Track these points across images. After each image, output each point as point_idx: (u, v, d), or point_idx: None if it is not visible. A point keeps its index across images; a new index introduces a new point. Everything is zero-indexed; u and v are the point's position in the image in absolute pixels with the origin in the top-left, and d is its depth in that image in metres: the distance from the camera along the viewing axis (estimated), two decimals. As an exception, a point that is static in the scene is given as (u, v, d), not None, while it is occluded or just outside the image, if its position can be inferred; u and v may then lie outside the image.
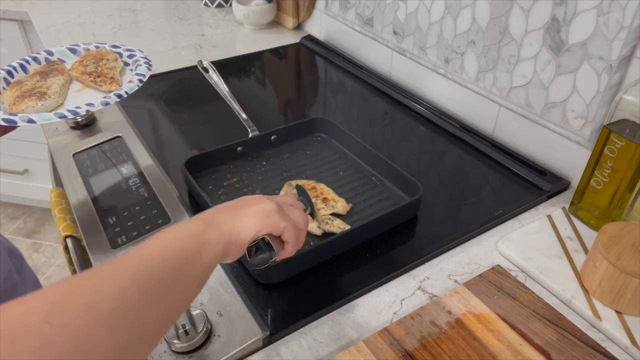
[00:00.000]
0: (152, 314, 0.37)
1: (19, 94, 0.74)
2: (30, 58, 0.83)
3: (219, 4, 1.57)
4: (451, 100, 1.02)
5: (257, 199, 0.51)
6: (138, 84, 0.76)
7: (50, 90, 0.74)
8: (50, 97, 0.73)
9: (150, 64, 0.81)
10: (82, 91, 0.79)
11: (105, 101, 0.72)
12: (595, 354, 0.55)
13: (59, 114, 0.69)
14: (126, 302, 0.35)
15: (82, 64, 0.82)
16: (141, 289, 0.36)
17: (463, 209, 0.79)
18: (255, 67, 1.25)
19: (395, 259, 0.69)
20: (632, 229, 0.62)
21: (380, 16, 1.14)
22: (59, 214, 0.83)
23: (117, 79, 0.80)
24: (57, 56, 0.86)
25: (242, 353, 0.56)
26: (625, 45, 0.69)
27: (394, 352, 0.55)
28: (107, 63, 0.82)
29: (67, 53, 0.87)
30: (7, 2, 1.56)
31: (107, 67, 0.81)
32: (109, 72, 0.80)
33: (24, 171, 1.99)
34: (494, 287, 0.63)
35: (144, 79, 0.77)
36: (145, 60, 0.82)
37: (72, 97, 0.78)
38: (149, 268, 0.38)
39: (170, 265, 0.40)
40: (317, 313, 0.61)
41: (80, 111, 0.70)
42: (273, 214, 0.50)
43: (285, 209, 0.52)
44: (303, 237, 0.55)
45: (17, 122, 0.66)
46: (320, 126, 0.92)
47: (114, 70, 0.81)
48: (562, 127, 0.82)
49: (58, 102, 0.75)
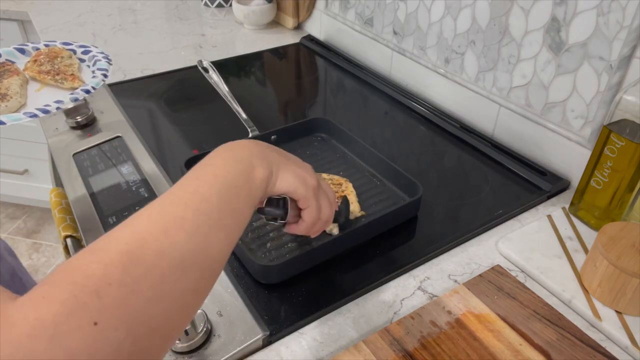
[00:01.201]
0: (215, 248, 0.39)
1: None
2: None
3: (219, 4, 1.57)
4: (451, 100, 1.02)
5: (306, 166, 0.52)
6: (103, 79, 0.76)
7: (10, 91, 0.73)
8: (12, 98, 0.72)
9: (109, 59, 0.81)
10: (41, 90, 0.79)
11: (74, 97, 0.72)
12: (595, 354, 0.55)
13: (29, 114, 0.68)
14: (193, 244, 0.36)
15: (36, 63, 0.81)
16: (204, 231, 0.38)
17: (463, 209, 0.79)
18: (255, 67, 1.25)
19: (395, 259, 0.69)
20: (632, 229, 0.62)
21: (380, 16, 1.14)
22: (59, 214, 0.83)
23: (78, 75, 0.79)
24: (5, 57, 0.84)
25: (242, 353, 0.56)
26: (625, 45, 0.69)
27: (394, 352, 0.55)
28: (63, 60, 0.82)
29: (15, 53, 0.86)
30: (7, 2, 1.56)
31: (63, 64, 0.81)
32: (68, 69, 0.80)
33: (24, 171, 1.99)
34: (494, 287, 0.63)
35: (107, 73, 0.77)
36: (104, 55, 0.82)
37: (33, 97, 0.77)
38: (209, 208, 0.39)
39: (225, 201, 0.40)
40: (317, 313, 0.61)
41: (50, 109, 0.70)
42: (310, 187, 0.50)
43: (321, 193, 0.53)
44: (320, 228, 0.55)
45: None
46: (320, 126, 0.92)
47: (72, 67, 0.81)
48: (562, 127, 0.82)
49: (20, 102, 0.74)
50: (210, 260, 0.38)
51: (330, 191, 0.56)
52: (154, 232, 0.35)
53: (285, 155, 0.50)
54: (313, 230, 0.54)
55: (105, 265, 0.32)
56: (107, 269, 0.32)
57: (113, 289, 0.31)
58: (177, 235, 0.36)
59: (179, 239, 0.36)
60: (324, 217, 0.54)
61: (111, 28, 1.40)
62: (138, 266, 0.33)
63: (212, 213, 0.39)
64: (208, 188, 0.40)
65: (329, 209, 0.54)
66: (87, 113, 0.95)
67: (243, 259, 0.66)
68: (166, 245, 0.35)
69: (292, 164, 0.49)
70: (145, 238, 0.35)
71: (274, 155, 0.48)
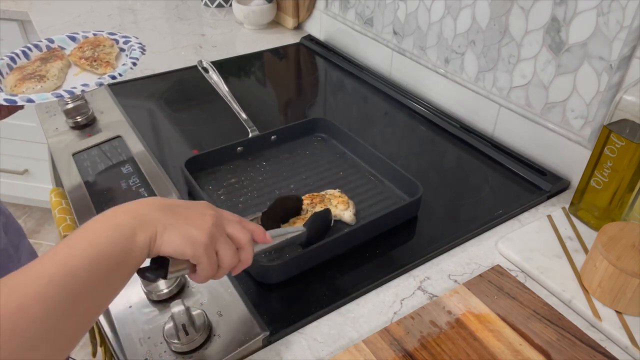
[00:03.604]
0: (73, 324, 0.38)
1: (20, 77, 0.78)
2: (32, 45, 0.88)
3: (219, 4, 1.57)
4: (451, 100, 1.02)
5: (198, 216, 0.47)
6: (131, 67, 0.80)
7: (49, 74, 0.79)
8: (49, 80, 0.78)
9: (144, 49, 0.86)
10: (79, 75, 0.85)
11: (100, 82, 0.76)
12: (595, 354, 0.55)
13: (56, 94, 0.73)
14: (50, 322, 0.36)
15: (80, 49, 0.87)
16: (66, 307, 0.37)
17: (463, 209, 0.79)
18: (255, 67, 1.25)
19: (395, 259, 0.69)
20: (632, 229, 0.62)
21: (380, 16, 1.14)
22: (59, 214, 0.83)
23: (112, 63, 0.84)
24: (57, 43, 0.91)
25: (242, 353, 0.56)
26: (625, 45, 0.69)
27: (394, 352, 0.55)
28: (104, 49, 0.87)
29: (67, 40, 0.91)
30: (7, 2, 1.56)
31: (103, 52, 0.86)
32: (105, 57, 0.85)
33: (24, 171, 1.99)
34: (494, 287, 0.63)
35: (137, 62, 0.82)
36: (140, 46, 0.86)
37: (70, 80, 0.83)
38: (75, 283, 0.38)
39: (95, 272, 0.39)
40: (317, 313, 0.61)
41: (75, 91, 0.74)
42: (200, 245, 0.46)
43: (219, 244, 0.48)
44: (224, 273, 0.50)
45: (17, 101, 0.71)
46: (320, 126, 0.92)
47: (110, 55, 0.86)
48: (562, 127, 0.82)
49: (56, 84, 0.80)
50: (64, 338, 0.37)
51: (239, 233, 0.50)
52: (10, 308, 0.35)
53: (176, 213, 0.46)
54: (217, 276, 0.50)
55: None
56: None
57: None
58: (34, 312, 0.35)
59: (35, 317, 0.35)
60: (226, 265, 0.49)
61: (111, 28, 1.40)
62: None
63: (77, 287, 0.38)
64: (78, 260, 0.39)
65: (230, 257, 0.49)
66: (87, 113, 0.95)
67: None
68: (20, 324, 0.34)
69: (182, 223, 0.46)
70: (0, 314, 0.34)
71: (162, 216, 0.45)
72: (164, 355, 0.55)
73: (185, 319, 0.54)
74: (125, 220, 0.43)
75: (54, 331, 0.36)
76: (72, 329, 0.38)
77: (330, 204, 0.73)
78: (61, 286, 0.37)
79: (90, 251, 0.40)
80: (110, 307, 0.60)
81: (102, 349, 0.77)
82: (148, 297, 0.61)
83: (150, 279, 0.47)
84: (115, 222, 0.43)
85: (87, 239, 0.41)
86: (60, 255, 0.39)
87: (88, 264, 0.39)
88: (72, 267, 0.38)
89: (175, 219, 0.46)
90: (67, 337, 0.38)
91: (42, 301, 0.36)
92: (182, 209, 0.47)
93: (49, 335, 0.36)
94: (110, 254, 0.41)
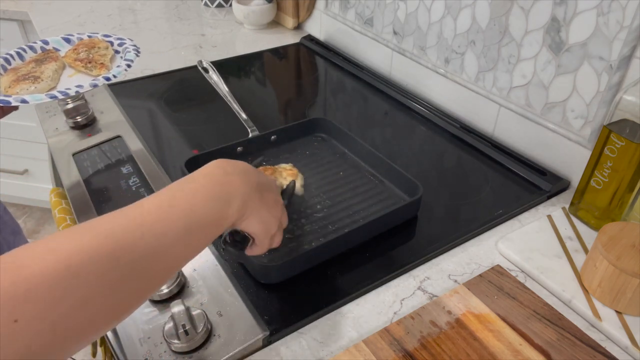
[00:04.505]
0: (172, 260, 0.41)
1: (14, 78, 0.79)
2: (26, 47, 0.88)
3: (219, 4, 1.57)
4: (451, 100, 1.02)
5: (273, 202, 0.53)
6: (125, 68, 0.80)
7: (44, 75, 0.79)
8: (43, 81, 0.78)
9: (138, 51, 0.86)
10: (73, 76, 0.85)
11: (94, 83, 0.76)
12: (595, 354, 0.55)
13: (50, 95, 0.73)
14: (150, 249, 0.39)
15: (75, 51, 0.87)
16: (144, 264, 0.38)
17: (463, 209, 0.79)
18: (255, 67, 1.25)
19: (395, 259, 0.69)
20: (632, 229, 0.62)
21: (380, 16, 1.14)
22: (59, 214, 0.83)
23: (107, 65, 0.84)
24: (52, 45, 0.91)
25: (242, 353, 0.56)
26: (625, 45, 0.69)
27: (394, 352, 0.55)
28: (99, 51, 0.87)
29: (61, 42, 0.92)
30: (7, 2, 1.56)
31: (98, 54, 0.86)
32: (100, 59, 0.85)
33: (24, 171, 1.99)
34: (494, 287, 0.63)
35: (131, 64, 0.82)
36: (134, 48, 0.86)
37: (64, 82, 0.83)
38: (163, 245, 0.40)
39: (188, 234, 0.42)
40: (317, 313, 0.61)
41: (70, 92, 0.75)
42: (270, 234, 0.53)
43: (278, 232, 0.55)
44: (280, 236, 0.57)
45: (11, 102, 0.71)
46: (320, 126, 0.92)
47: (104, 57, 0.86)
48: (562, 127, 0.82)
49: (50, 85, 0.80)
50: (162, 264, 0.40)
51: (285, 221, 0.57)
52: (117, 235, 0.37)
53: (263, 197, 0.51)
54: (274, 242, 0.56)
55: (42, 270, 0.33)
56: (43, 275, 0.32)
57: (40, 293, 0.32)
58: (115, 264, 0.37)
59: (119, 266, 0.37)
60: (273, 247, 0.56)
61: (111, 28, 1.40)
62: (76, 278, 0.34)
63: (163, 246, 0.40)
64: (177, 219, 0.41)
65: (279, 242, 0.56)
66: (87, 113, 0.95)
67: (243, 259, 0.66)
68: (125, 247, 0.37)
69: (264, 209, 0.51)
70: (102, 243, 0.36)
71: (254, 196, 0.49)
72: (164, 355, 0.55)
73: (185, 319, 0.54)
74: (230, 192, 0.46)
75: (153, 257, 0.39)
76: (156, 272, 0.40)
77: (281, 175, 0.74)
78: (152, 235, 0.39)
79: (185, 213, 0.42)
80: (110, 307, 0.61)
81: (102, 349, 0.77)
82: (148, 297, 0.61)
83: (231, 252, 0.52)
84: (221, 191, 0.46)
85: (189, 201, 0.43)
86: (158, 213, 0.40)
87: (183, 226, 0.41)
88: (157, 229, 0.40)
89: (260, 204, 0.50)
90: (147, 279, 0.39)
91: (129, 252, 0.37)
92: (266, 192, 0.52)
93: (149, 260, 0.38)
94: (204, 223, 0.43)
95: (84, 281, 0.34)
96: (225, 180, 0.46)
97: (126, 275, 0.37)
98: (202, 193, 0.44)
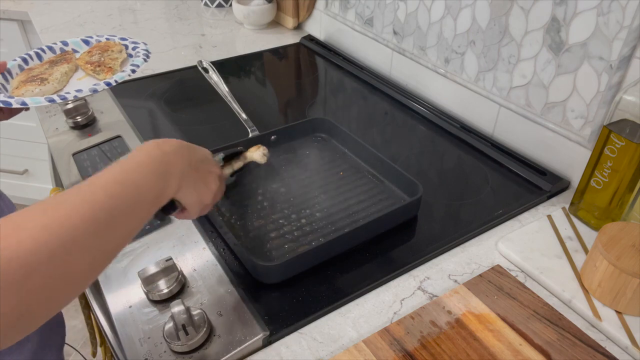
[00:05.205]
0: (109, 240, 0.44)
1: (24, 79, 0.79)
2: (46, 47, 0.88)
3: (219, 4, 1.57)
4: (451, 100, 1.02)
5: (207, 173, 0.57)
6: (129, 73, 0.80)
7: (52, 77, 0.79)
8: (49, 83, 0.78)
9: (148, 56, 0.85)
10: (82, 79, 0.84)
11: (94, 88, 0.76)
12: (595, 354, 0.55)
13: (48, 98, 0.74)
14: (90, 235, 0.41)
15: (89, 54, 0.87)
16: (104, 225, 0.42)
17: (463, 209, 0.79)
18: (255, 67, 1.25)
19: (395, 259, 0.69)
20: (632, 229, 0.62)
21: (380, 16, 1.14)
22: (59, 214, 0.83)
23: (114, 69, 0.84)
24: (71, 46, 0.91)
25: (242, 353, 0.56)
26: (625, 45, 0.69)
27: (394, 352, 0.55)
28: (111, 54, 0.87)
29: (80, 44, 0.92)
30: (7, 2, 1.56)
31: (109, 57, 0.86)
32: (110, 62, 0.84)
33: (24, 171, 1.99)
34: (494, 287, 0.63)
35: (136, 69, 0.82)
36: (145, 53, 0.86)
37: (73, 84, 0.83)
38: (114, 210, 0.43)
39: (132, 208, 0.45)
40: (317, 313, 0.61)
41: (68, 96, 0.75)
42: (202, 205, 0.57)
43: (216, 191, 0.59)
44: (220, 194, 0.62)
45: (12, 104, 0.71)
46: (320, 126, 0.92)
47: (115, 61, 0.85)
48: (562, 127, 0.82)
49: (57, 88, 0.80)
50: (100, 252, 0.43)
51: (221, 187, 0.61)
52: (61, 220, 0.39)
53: (198, 170, 0.55)
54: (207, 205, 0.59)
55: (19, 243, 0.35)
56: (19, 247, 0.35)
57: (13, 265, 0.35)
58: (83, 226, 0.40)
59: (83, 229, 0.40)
60: (204, 213, 0.60)
61: (111, 28, 1.40)
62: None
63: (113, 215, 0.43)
64: (121, 192, 0.45)
65: (209, 209, 0.60)
66: (87, 113, 0.95)
67: (243, 259, 0.66)
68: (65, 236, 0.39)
69: (199, 182, 0.55)
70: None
71: (190, 172, 0.53)
72: (164, 355, 0.55)
73: (185, 319, 0.54)
74: (170, 169, 0.50)
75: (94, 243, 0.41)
76: (110, 244, 0.43)
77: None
78: (105, 210, 0.42)
79: (133, 189, 0.46)
80: (110, 307, 0.61)
81: (102, 349, 0.77)
82: (148, 297, 0.61)
83: (160, 217, 0.54)
84: (163, 170, 0.49)
85: (133, 181, 0.46)
86: (109, 189, 0.44)
87: (132, 202, 0.45)
88: (111, 204, 0.43)
89: (195, 177, 0.54)
90: (102, 251, 0.43)
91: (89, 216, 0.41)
92: (200, 163, 0.56)
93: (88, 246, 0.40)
94: (144, 201, 0.47)
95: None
96: (164, 160, 0.50)
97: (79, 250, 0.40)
98: (145, 171, 0.48)
